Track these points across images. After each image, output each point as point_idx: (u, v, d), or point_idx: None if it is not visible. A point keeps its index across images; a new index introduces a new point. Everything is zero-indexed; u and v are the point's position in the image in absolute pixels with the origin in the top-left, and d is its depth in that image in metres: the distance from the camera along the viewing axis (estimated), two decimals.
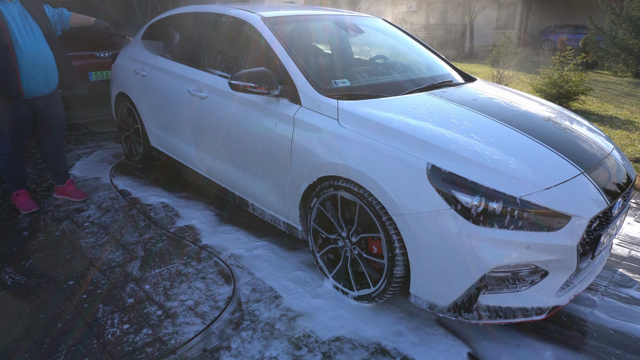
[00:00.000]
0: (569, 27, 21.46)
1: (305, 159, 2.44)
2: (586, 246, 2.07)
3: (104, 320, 2.28)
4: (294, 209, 2.65)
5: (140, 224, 3.30)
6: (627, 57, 13.09)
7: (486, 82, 3.33)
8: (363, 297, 2.38)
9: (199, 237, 3.13)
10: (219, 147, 3.14)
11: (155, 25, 4.13)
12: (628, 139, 5.73)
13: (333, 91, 2.57)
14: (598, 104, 8.24)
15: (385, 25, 3.75)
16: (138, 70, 3.94)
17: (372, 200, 2.15)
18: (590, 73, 13.52)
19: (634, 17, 12.86)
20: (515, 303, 2.02)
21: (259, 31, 2.90)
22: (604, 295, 2.57)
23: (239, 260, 2.84)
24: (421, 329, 2.25)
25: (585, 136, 2.49)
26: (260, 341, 2.15)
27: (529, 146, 2.20)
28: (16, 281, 2.60)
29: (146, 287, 2.56)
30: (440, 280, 2.02)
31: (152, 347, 2.10)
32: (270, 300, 2.45)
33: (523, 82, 10.29)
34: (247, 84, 2.52)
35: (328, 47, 3.52)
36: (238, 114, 2.89)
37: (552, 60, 8.06)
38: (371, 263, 2.37)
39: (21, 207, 3.44)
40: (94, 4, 7.68)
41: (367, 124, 2.27)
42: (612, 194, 2.12)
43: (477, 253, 1.90)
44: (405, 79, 2.99)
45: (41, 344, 2.11)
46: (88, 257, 2.85)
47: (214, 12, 3.41)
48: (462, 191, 1.93)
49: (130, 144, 4.46)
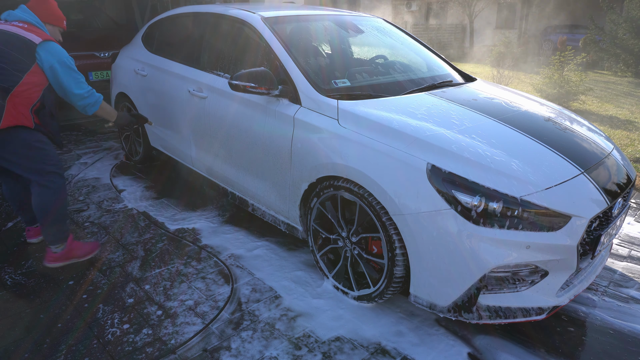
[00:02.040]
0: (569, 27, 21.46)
1: (306, 159, 2.44)
2: (586, 246, 2.07)
3: (104, 320, 2.28)
4: (294, 209, 2.65)
5: (140, 224, 3.30)
6: (627, 57, 13.08)
7: (486, 82, 3.33)
8: (363, 297, 2.37)
9: (199, 237, 3.13)
10: (219, 147, 3.14)
11: (155, 25, 4.13)
12: (628, 139, 5.73)
13: (333, 91, 2.57)
14: (598, 104, 8.24)
15: (385, 25, 3.75)
16: (138, 70, 3.94)
17: (372, 200, 2.15)
18: (590, 73, 13.51)
19: (634, 17, 12.85)
20: (516, 303, 2.02)
21: (259, 31, 2.90)
22: (604, 295, 2.57)
23: (239, 261, 2.84)
24: (421, 329, 2.25)
25: (585, 136, 2.49)
26: (260, 341, 2.15)
27: (529, 146, 2.20)
28: (16, 281, 2.60)
29: (146, 287, 2.56)
30: (440, 280, 2.02)
31: (152, 347, 2.10)
32: (270, 300, 2.45)
33: (523, 82, 10.28)
34: (247, 84, 2.52)
35: (328, 47, 3.52)
36: (238, 114, 2.89)
37: (552, 60, 8.06)
38: (371, 263, 2.37)
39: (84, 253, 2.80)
40: (94, 4, 7.68)
41: (367, 124, 2.27)
42: (612, 194, 2.12)
43: (477, 253, 1.90)
44: (405, 79, 2.99)
45: (41, 344, 2.11)
46: (88, 257, 2.85)
47: (214, 12, 3.41)
48: (462, 191, 1.93)
49: (130, 144, 4.46)
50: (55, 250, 2.68)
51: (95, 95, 2.73)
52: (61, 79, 2.56)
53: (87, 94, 2.67)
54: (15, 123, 2.46)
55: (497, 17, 23.78)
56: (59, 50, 2.57)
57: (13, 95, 2.43)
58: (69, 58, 2.60)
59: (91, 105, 2.72)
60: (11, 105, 2.44)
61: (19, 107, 2.46)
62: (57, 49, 2.56)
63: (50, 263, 2.69)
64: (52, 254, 2.68)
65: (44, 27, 2.68)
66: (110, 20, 7.45)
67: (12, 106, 2.44)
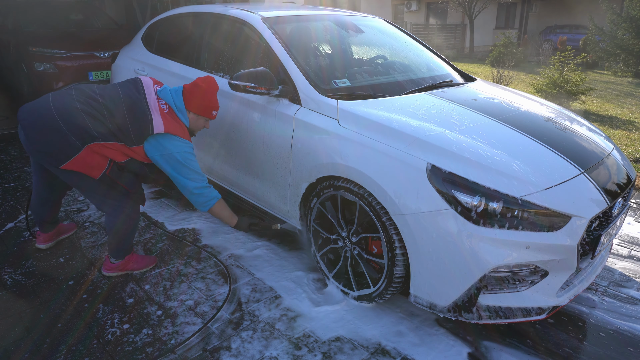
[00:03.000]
0: (569, 27, 21.47)
1: (305, 159, 2.44)
2: (586, 246, 2.06)
3: (104, 320, 2.28)
4: (294, 209, 2.65)
5: (140, 224, 3.30)
6: (627, 57, 13.08)
7: (486, 82, 3.33)
8: (363, 297, 2.37)
9: (199, 237, 3.13)
10: (218, 147, 3.14)
11: (155, 25, 4.13)
12: (628, 139, 5.73)
13: (333, 91, 2.57)
14: (598, 104, 8.24)
15: (385, 25, 3.75)
16: (138, 71, 3.94)
17: (372, 201, 2.15)
18: (590, 73, 13.51)
19: (634, 17, 12.86)
20: (516, 303, 2.02)
21: (259, 31, 2.90)
22: (604, 295, 2.57)
23: (239, 261, 2.84)
24: (421, 329, 2.25)
25: (585, 136, 2.49)
26: (260, 341, 2.15)
27: (529, 146, 2.20)
28: (16, 281, 2.60)
29: (146, 287, 2.56)
30: (440, 280, 2.02)
31: (152, 347, 2.10)
32: (270, 300, 2.45)
33: (523, 82, 10.28)
34: (247, 84, 2.52)
35: (328, 47, 3.52)
36: (238, 114, 2.89)
37: (552, 60, 8.06)
38: (371, 263, 2.37)
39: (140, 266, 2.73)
40: (94, 4, 7.68)
41: (367, 124, 2.27)
42: (612, 194, 2.12)
43: (477, 253, 1.90)
44: (405, 79, 2.99)
45: (41, 344, 2.11)
46: (88, 257, 2.85)
47: (214, 12, 3.41)
48: (462, 191, 1.93)
49: None
50: (113, 261, 2.64)
51: (206, 195, 2.51)
52: (165, 169, 2.44)
53: (196, 190, 2.46)
54: (79, 170, 2.32)
55: (497, 17, 23.78)
56: (168, 145, 2.38)
57: (94, 144, 2.29)
58: (182, 152, 2.40)
59: (200, 204, 2.53)
60: (87, 151, 2.28)
61: (94, 156, 2.32)
62: (165, 144, 2.38)
63: (106, 272, 2.66)
64: (110, 264, 2.65)
65: (185, 114, 2.53)
66: (110, 20, 7.45)
67: (87, 153, 2.28)
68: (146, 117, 2.35)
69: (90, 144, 2.28)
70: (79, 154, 2.27)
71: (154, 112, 2.39)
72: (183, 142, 2.44)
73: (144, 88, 2.47)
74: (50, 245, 2.93)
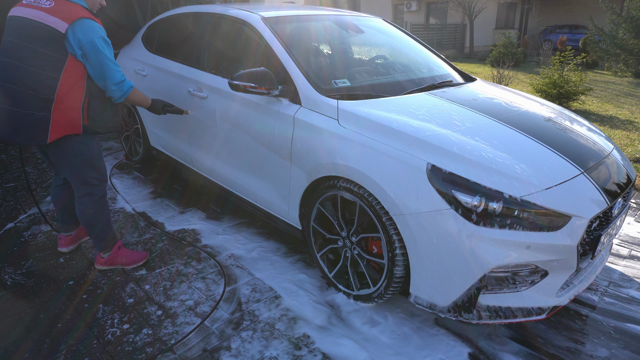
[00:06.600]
0: (569, 27, 21.46)
1: (306, 159, 2.44)
2: (586, 246, 2.07)
3: (104, 320, 2.28)
4: (294, 209, 2.65)
5: (140, 224, 3.30)
6: (627, 57, 13.08)
7: (486, 82, 3.33)
8: (363, 297, 2.37)
9: (199, 237, 3.13)
10: (219, 147, 3.14)
11: (155, 25, 4.13)
12: (628, 139, 5.73)
13: (333, 91, 2.57)
14: (598, 104, 8.24)
15: (385, 25, 3.75)
16: (138, 71, 3.94)
17: (372, 201, 2.15)
18: (590, 73, 13.51)
19: (634, 17, 12.85)
20: (516, 303, 2.02)
21: (259, 31, 2.90)
22: (604, 295, 2.57)
23: (238, 261, 2.84)
24: (422, 330, 2.25)
25: (585, 136, 2.49)
26: (260, 341, 2.15)
27: (529, 146, 2.20)
28: (16, 281, 2.60)
29: (146, 287, 2.56)
30: (441, 280, 2.02)
31: (152, 347, 2.10)
32: (270, 301, 2.45)
33: (523, 82, 10.29)
34: (247, 84, 2.52)
35: (328, 47, 3.52)
36: (238, 114, 2.89)
37: (552, 60, 8.06)
38: (371, 263, 2.37)
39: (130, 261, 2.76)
40: None
41: (367, 124, 2.27)
42: (612, 194, 2.12)
43: (477, 253, 1.90)
44: (405, 79, 2.99)
45: (41, 344, 2.11)
46: (88, 257, 2.85)
47: (214, 12, 3.41)
48: (463, 191, 1.93)
49: (130, 144, 4.46)
50: (103, 255, 2.72)
51: (126, 85, 2.47)
52: (91, 65, 2.26)
53: (120, 82, 2.40)
54: (63, 134, 2.27)
55: (497, 17, 23.78)
56: (81, 35, 2.19)
57: (57, 102, 2.18)
58: (99, 38, 2.25)
59: (120, 97, 2.47)
60: (58, 114, 2.21)
61: (67, 113, 2.23)
62: (78, 36, 2.18)
63: (98, 265, 2.73)
64: (100, 258, 2.72)
65: None
66: (110, 20, 7.44)
67: (59, 115, 2.21)
68: (41, 28, 2.13)
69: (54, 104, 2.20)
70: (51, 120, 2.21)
71: (42, 16, 2.16)
72: (93, 23, 2.25)
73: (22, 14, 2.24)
74: (72, 248, 2.93)
